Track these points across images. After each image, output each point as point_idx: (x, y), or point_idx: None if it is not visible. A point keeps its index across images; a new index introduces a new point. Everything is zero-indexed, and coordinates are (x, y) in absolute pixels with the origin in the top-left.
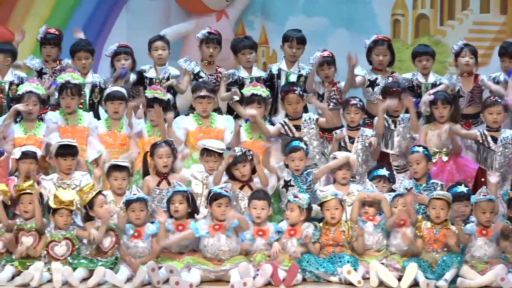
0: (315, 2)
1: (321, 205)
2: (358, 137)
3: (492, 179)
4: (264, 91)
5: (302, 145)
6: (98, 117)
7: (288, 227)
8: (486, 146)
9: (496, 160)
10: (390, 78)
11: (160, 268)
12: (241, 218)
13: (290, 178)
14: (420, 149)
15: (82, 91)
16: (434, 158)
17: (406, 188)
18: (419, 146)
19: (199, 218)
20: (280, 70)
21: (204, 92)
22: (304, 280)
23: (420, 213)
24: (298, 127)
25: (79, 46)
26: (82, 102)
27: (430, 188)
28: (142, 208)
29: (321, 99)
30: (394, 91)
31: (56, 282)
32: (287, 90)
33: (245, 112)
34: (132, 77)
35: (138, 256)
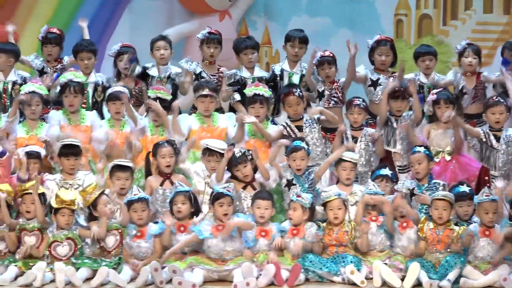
0: (318, 2)
1: (324, 205)
2: (361, 137)
3: (499, 184)
4: (267, 91)
5: (304, 145)
6: (102, 116)
7: (291, 227)
8: (489, 145)
9: (499, 159)
10: (392, 78)
11: (163, 268)
12: (241, 223)
13: (292, 178)
14: (422, 149)
15: (85, 91)
16: (437, 158)
17: (409, 188)
18: (420, 146)
19: (197, 220)
20: (283, 71)
21: (206, 91)
22: (307, 280)
23: (423, 214)
24: (300, 128)
25: (81, 47)
26: (85, 102)
27: (432, 188)
28: (144, 208)
29: (321, 97)
30: (396, 91)
31: (59, 282)
32: (287, 93)
33: (245, 120)
34: (138, 69)
35: (141, 256)
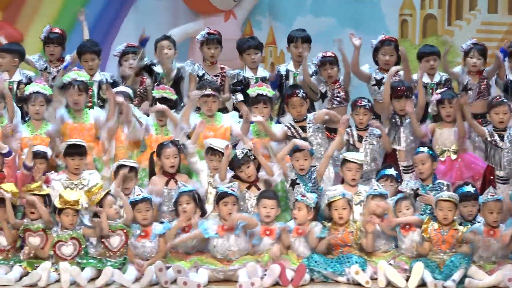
0: (323, 2)
1: (329, 205)
2: (367, 136)
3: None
4: (270, 91)
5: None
6: None
7: (296, 226)
8: (494, 144)
9: (504, 157)
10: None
11: (168, 268)
12: (246, 218)
13: (296, 177)
14: (425, 149)
15: (90, 90)
16: (443, 157)
17: (413, 189)
18: (424, 147)
19: (196, 221)
20: (288, 71)
21: (209, 91)
22: (312, 280)
23: (427, 214)
24: (304, 128)
25: (85, 48)
26: (91, 100)
27: (437, 189)
28: (148, 208)
29: (324, 98)
30: (399, 91)
31: (64, 282)
32: (290, 94)
33: (251, 119)
34: (146, 60)
35: (146, 256)
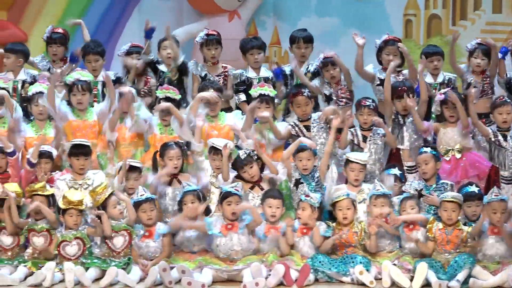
0: (327, 2)
1: (333, 205)
2: (371, 136)
3: None
4: (272, 91)
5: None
6: None
7: (301, 226)
8: (497, 144)
9: (508, 157)
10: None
11: (172, 269)
12: (253, 210)
13: (300, 177)
14: (428, 149)
15: (95, 89)
16: (447, 156)
17: (417, 189)
18: (427, 147)
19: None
20: (293, 71)
21: (213, 92)
22: (317, 281)
23: (431, 214)
24: (308, 128)
25: (89, 49)
26: (96, 100)
27: (441, 189)
28: (152, 208)
29: (329, 100)
30: (400, 91)
31: (69, 282)
32: (295, 93)
33: (258, 114)
34: (152, 55)
35: (150, 256)
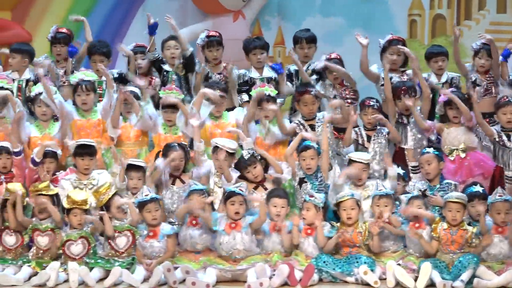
0: (332, 2)
1: (338, 205)
2: (374, 135)
3: None
4: (273, 91)
5: (314, 144)
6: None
7: (305, 227)
8: (502, 144)
9: None
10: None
11: (176, 269)
12: (261, 202)
13: (304, 176)
14: (431, 150)
15: (100, 89)
16: (452, 156)
17: (420, 190)
18: (430, 147)
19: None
20: (297, 70)
21: (218, 93)
22: (321, 281)
23: (436, 215)
24: (313, 127)
25: (95, 49)
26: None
27: (444, 189)
28: (157, 208)
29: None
30: (400, 91)
31: (73, 282)
32: (303, 91)
33: (267, 107)
34: (157, 53)
35: (154, 256)
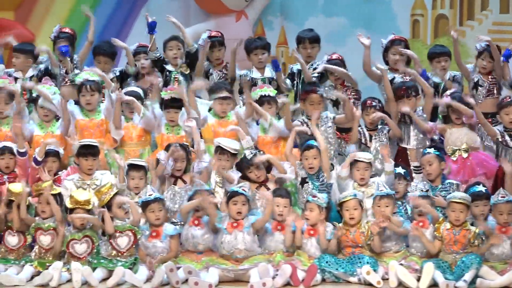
0: (335, 2)
1: (340, 206)
2: (376, 134)
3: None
4: (272, 91)
5: (316, 144)
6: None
7: (308, 227)
8: (504, 145)
9: None
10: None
11: (179, 269)
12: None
13: (306, 176)
14: (432, 150)
15: (103, 88)
16: (454, 156)
17: (422, 190)
18: (431, 148)
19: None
20: (301, 70)
21: (225, 93)
22: (324, 281)
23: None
24: (318, 126)
25: (100, 50)
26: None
27: (446, 189)
28: (161, 208)
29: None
30: (400, 91)
31: (76, 282)
32: (309, 91)
33: (278, 100)
34: (158, 52)
35: (157, 257)
